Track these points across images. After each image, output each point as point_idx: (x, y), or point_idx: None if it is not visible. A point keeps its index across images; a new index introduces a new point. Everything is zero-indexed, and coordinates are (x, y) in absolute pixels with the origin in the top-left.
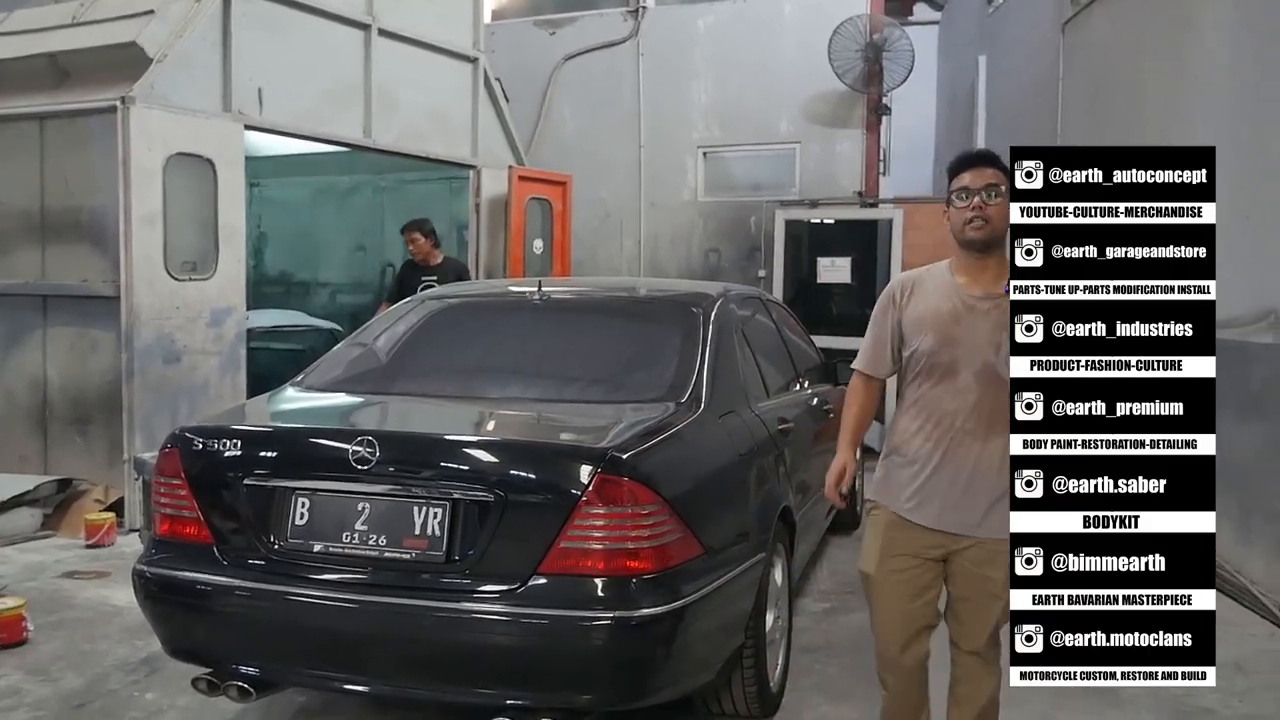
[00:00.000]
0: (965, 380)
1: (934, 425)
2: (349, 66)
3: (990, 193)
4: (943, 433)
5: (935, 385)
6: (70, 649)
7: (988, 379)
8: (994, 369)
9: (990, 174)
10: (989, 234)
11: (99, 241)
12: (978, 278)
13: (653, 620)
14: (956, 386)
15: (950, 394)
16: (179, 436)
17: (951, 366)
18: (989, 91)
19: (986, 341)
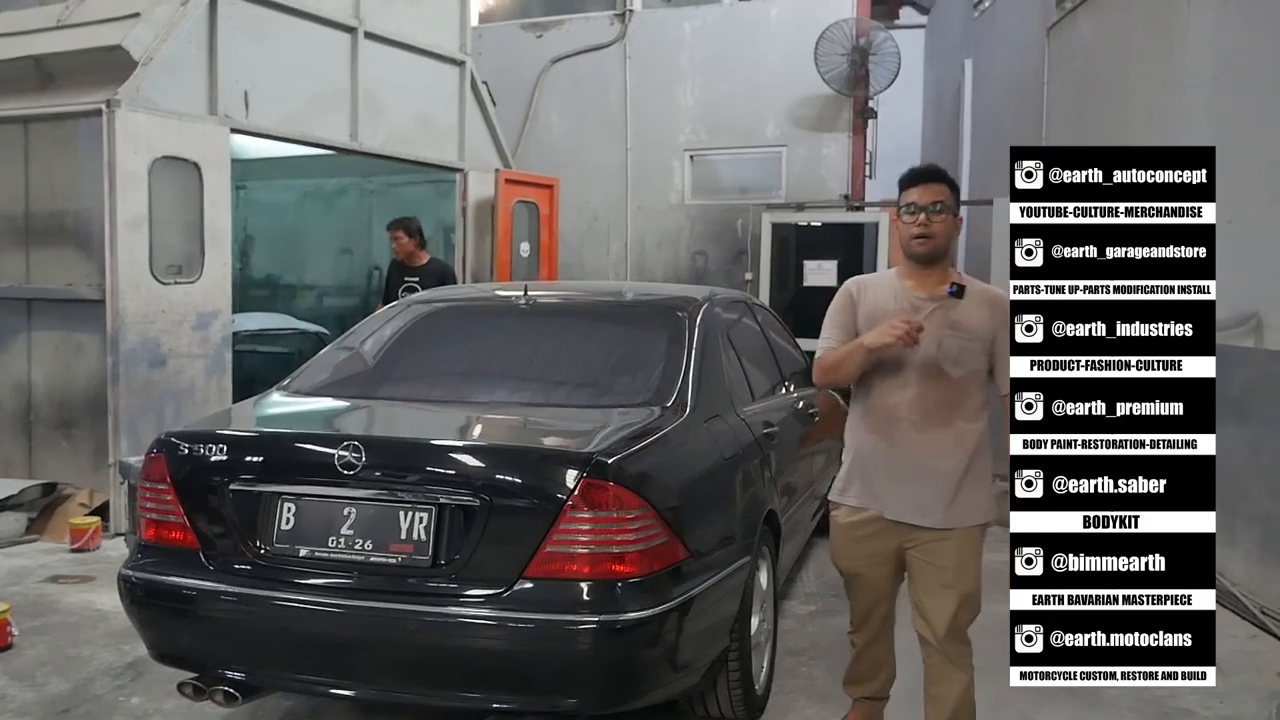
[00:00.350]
0: (907, 375)
1: (880, 419)
2: (335, 69)
3: (935, 207)
4: (888, 426)
5: (881, 381)
6: (55, 654)
7: (928, 373)
8: (935, 364)
9: (937, 190)
10: (932, 248)
11: (84, 245)
12: (923, 282)
13: (638, 624)
14: (900, 381)
15: (894, 389)
16: (165, 441)
17: (896, 362)
18: (975, 95)
19: (929, 338)
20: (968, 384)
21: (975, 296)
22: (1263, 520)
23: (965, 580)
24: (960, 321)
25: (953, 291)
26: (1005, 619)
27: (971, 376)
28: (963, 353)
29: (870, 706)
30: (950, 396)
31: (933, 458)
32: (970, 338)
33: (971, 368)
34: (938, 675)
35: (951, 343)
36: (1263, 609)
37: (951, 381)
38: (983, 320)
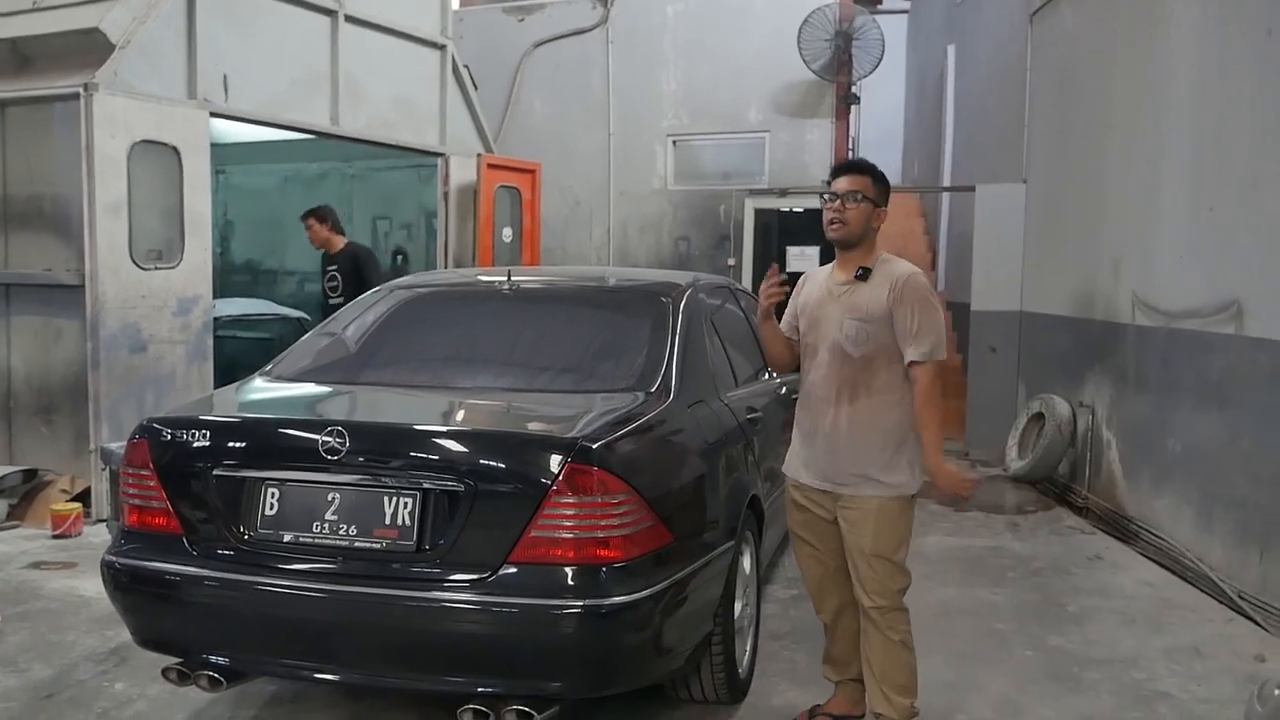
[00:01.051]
0: (822, 355)
1: (804, 398)
2: (315, 53)
3: (850, 198)
4: (812, 403)
5: (808, 361)
6: (38, 640)
7: (835, 354)
8: (839, 345)
9: (858, 181)
10: (845, 234)
11: (63, 230)
12: (844, 269)
13: (622, 608)
14: (818, 361)
15: (813, 367)
16: (147, 427)
17: (814, 345)
18: (957, 81)
19: (835, 322)
20: (873, 362)
21: (878, 278)
22: (1241, 506)
23: (881, 546)
24: (858, 304)
25: (858, 275)
26: (986, 603)
27: (877, 354)
28: (860, 332)
29: (853, 689)
30: (856, 375)
31: (841, 430)
32: (868, 318)
33: (874, 346)
34: (865, 633)
35: (850, 324)
36: (1240, 593)
37: (854, 361)
38: (879, 300)
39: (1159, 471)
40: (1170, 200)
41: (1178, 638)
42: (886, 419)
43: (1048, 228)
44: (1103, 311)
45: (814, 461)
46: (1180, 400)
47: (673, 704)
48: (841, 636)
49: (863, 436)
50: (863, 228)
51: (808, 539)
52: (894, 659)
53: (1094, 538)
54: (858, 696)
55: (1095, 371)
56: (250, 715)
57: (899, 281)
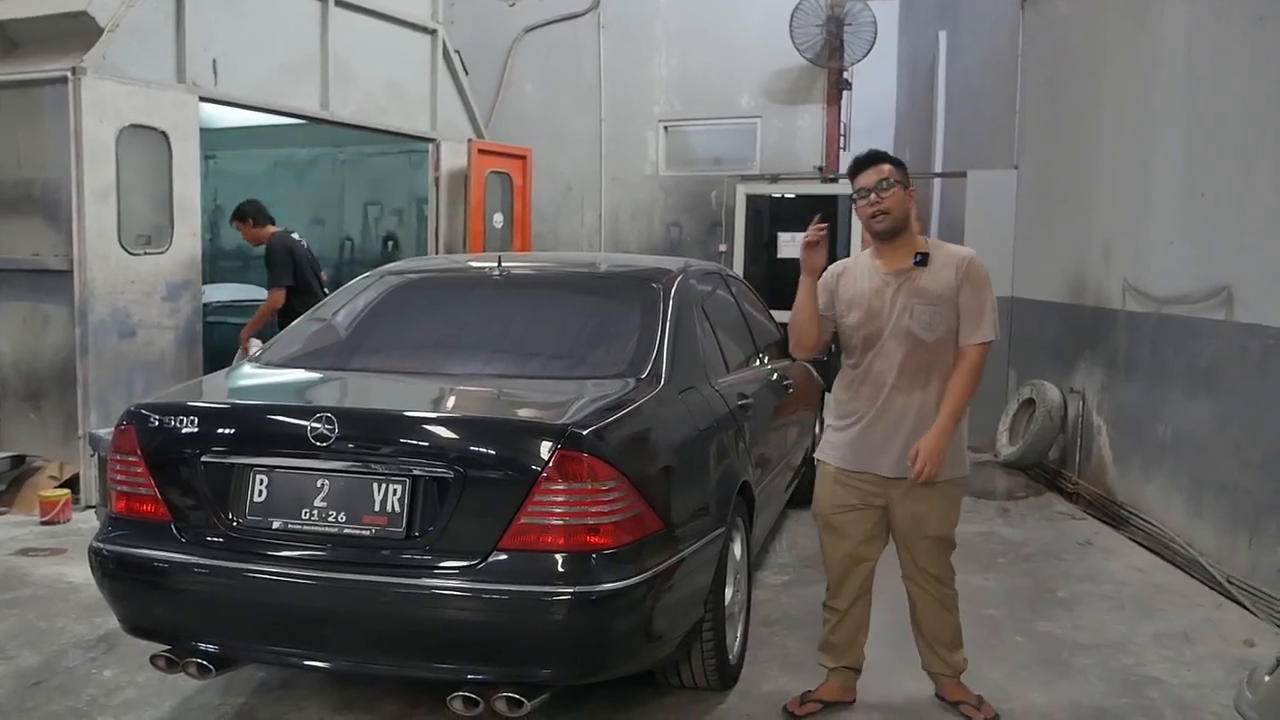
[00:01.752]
0: (889, 345)
1: (869, 387)
2: (306, 37)
3: (883, 185)
4: (876, 391)
5: (865, 352)
6: (26, 626)
7: (906, 341)
8: (910, 332)
9: (881, 170)
10: (891, 223)
11: (51, 215)
12: (890, 258)
13: (613, 595)
14: (883, 351)
15: (879, 358)
16: (135, 413)
17: (877, 335)
18: (949, 67)
19: (902, 309)
20: (944, 344)
21: (940, 261)
22: (1231, 491)
23: (946, 528)
24: (926, 288)
25: (918, 261)
26: (977, 589)
27: (947, 337)
28: (933, 316)
29: (846, 676)
30: (928, 359)
31: (912, 416)
32: (938, 301)
33: (944, 329)
34: (922, 608)
35: (921, 309)
36: (1230, 578)
37: (928, 345)
38: (947, 282)
39: (1149, 457)
40: (1161, 186)
41: (1167, 623)
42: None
43: (1039, 214)
44: (1093, 297)
45: (877, 448)
46: (1171, 386)
47: (663, 690)
48: (847, 624)
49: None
50: (904, 211)
51: (843, 528)
52: (944, 621)
53: (1084, 523)
54: (850, 683)
55: (1086, 357)
56: (239, 702)
57: (964, 263)
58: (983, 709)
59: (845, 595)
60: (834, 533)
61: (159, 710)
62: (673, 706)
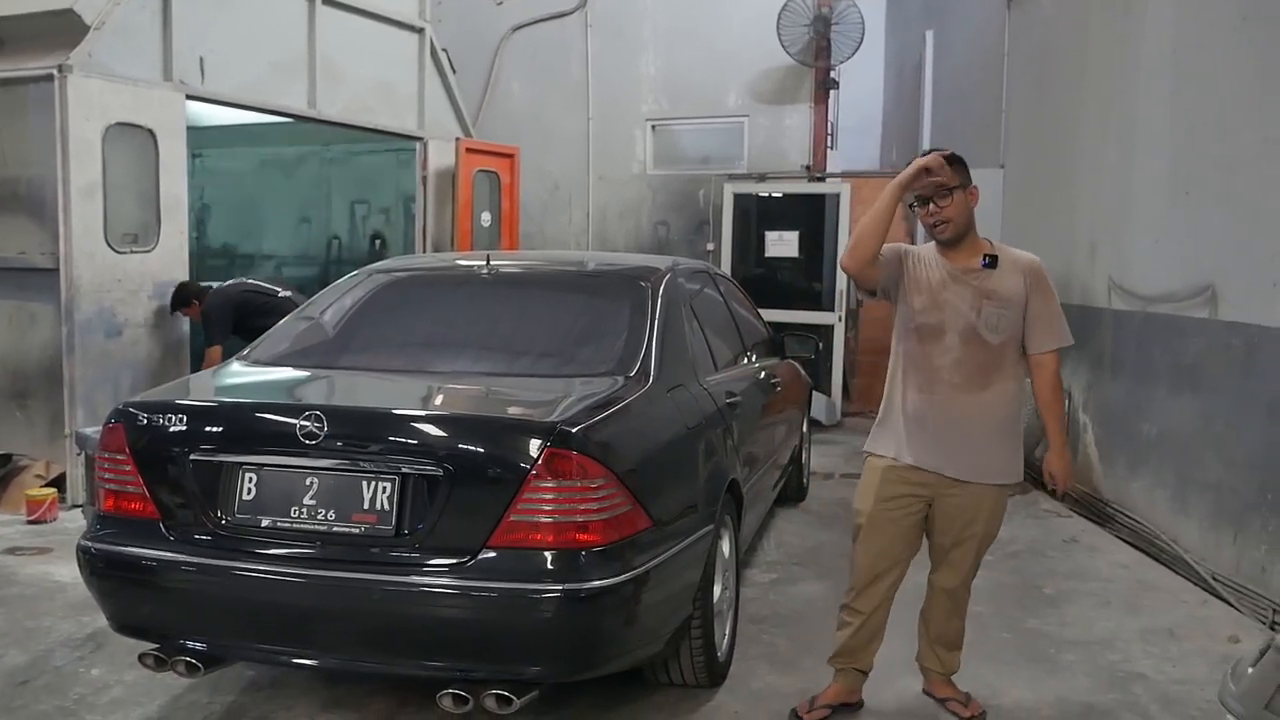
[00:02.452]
0: (950, 340)
1: (924, 380)
2: (293, 36)
3: (940, 195)
4: (932, 386)
5: (923, 344)
6: (13, 625)
7: (969, 339)
8: (975, 331)
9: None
10: (954, 231)
11: (37, 213)
12: (956, 257)
13: (602, 592)
14: (943, 345)
15: (938, 352)
16: (123, 411)
17: (939, 328)
18: (936, 66)
19: (969, 307)
20: (1006, 349)
21: (1008, 265)
22: (1215, 488)
23: (992, 531)
24: (996, 290)
25: (986, 263)
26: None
27: (1010, 342)
28: (1000, 320)
29: (854, 678)
30: (989, 360)
31: (971, 417)
32: (1006, 305)
33: (1009, 333)
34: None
35: (990, 311)
36: (1214, 575)
37: (990, 347)
38: (1017, 287)
39: (1134, 455)
40: (1146, 185)
41: (1153, 619)
42: (1015, 407)
43: (1025, 212)
44: (1079, 296)
45: (932, 446)
46: (1156, 384)
47: (652, 687)
48: (867, 629)
49: (996, 424)
50: (966, 216)
51: (884, 524)
52: (953, 625)
53: (1070, 521)
54: (857, 685)
55: (1071, 355)
56: (228, 701)
57: (1032, 269)
58: (970, 706)
59: (870, 599)
60: (874, 528)
61: (147, 709)
62: (661, 704)
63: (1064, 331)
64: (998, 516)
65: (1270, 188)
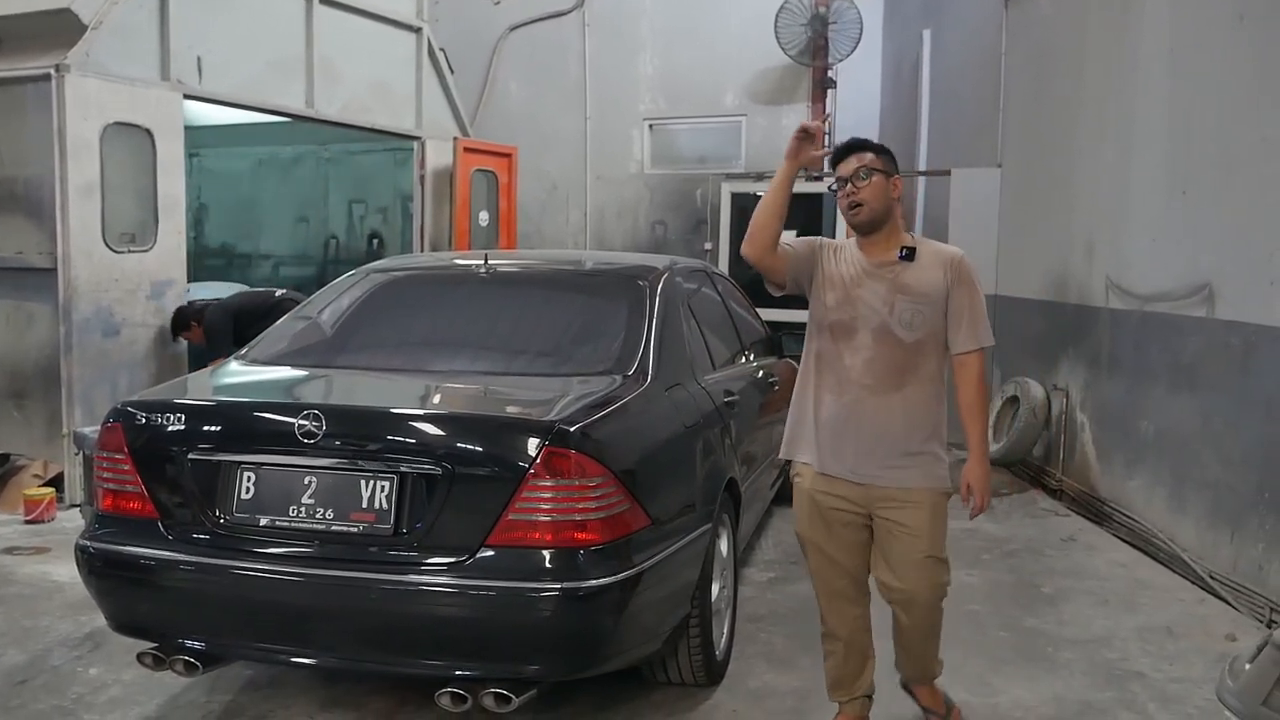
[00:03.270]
0: (863, 338)
1: (837, 381)
2: (290, 35)
3: (861, 175)
4: (845, 388)
5: (836, 342)
6: (11, 625)
7: (881, 338)
8: (888, 328)
9: (863, 157)
10: (869, 215)
11: (35, 213)
12: (873, 250)
13: (600, 591)
14: (855, 344)
15: (850, 351)
16: (122, 411)
17: (850, 325)
18: (933, 65)
19: (882, 302)
20: (923, 347)
21: (928, 258)
22: (1212, 487)
23: (937, 546)
24: (911, 284)
25: (903, 255)
26: (961, 585)
27: (927, 339)
28: (915, 316)
29: (860, 705)
30: (904, 360)
31: (885, 421)
32: (923, 300)
33: (926, 331)
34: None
35: (904, 306)
36: (1211, 574)
37: (905, 346)
38: (936, 281)
39: (1132, 454)
40: (1143, 184)
41: (1150, 618)
42: (935, 409)
43: (1022, 212)
44: (1076, 295)
45: (849, 453)
46: (1153, 383)
47: (650, 686)
48: (853, 655)
49: (915, 427)
50: (884, 202)
51: (824, 541)
52: (929, 647)
53: (1068, 520)
54: (864, 711)
55: (1069, 355)
56: (226, 700)
57: (954, 262)
58: (950, 716)
59: (841, 621)
60: (815, 549)
61: (145, 708)
62: (660, 703)
63: (985, 331)
64: (941, 527)
65: (1267, 187)
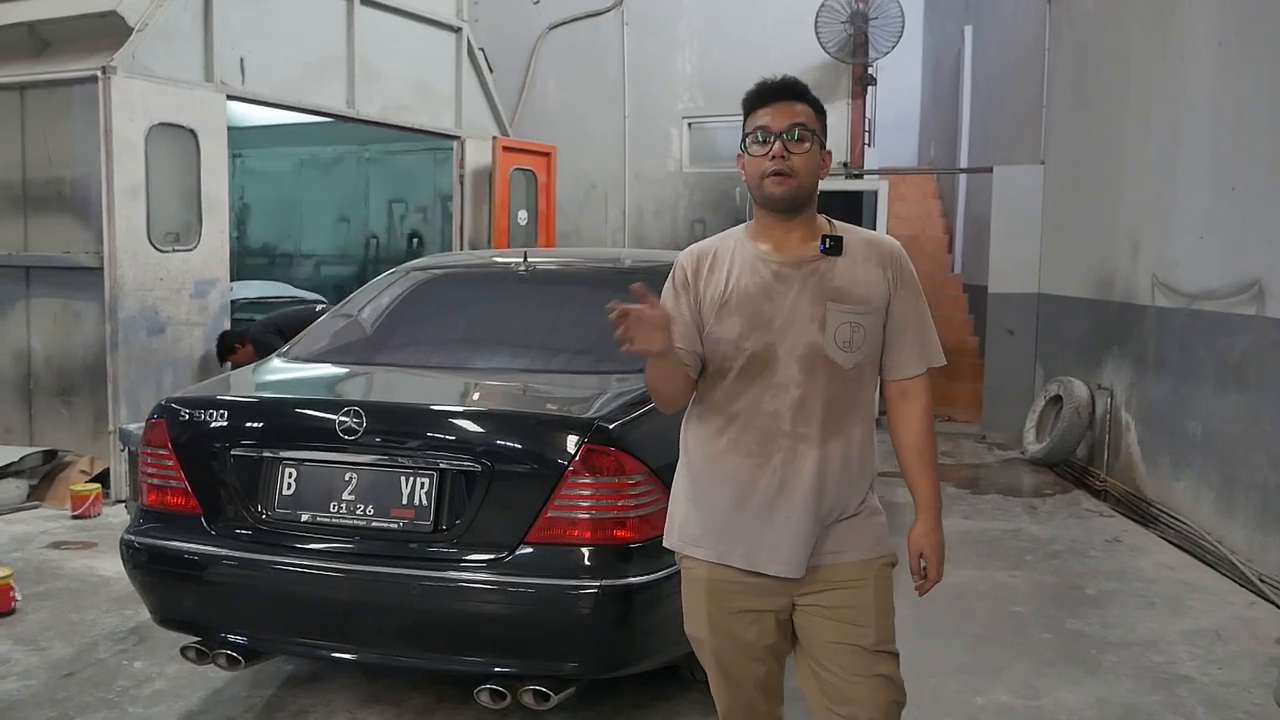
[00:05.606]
0: (787, 372)
1: (752, 435)
2: (332, 36)
3: (794, 134)
4: (764, 443)
5: (749, 382)
6: (58, 618)
7: (814, 366)
8: (821, 352)
9: (799, 110)
10: (794, 190)
11: (81, 213)
12: (784, 241)
13: (639, 589)
14: (776, 380)
15: (769, 391)
16: (166, 407)
17: (768, 356)
18: (974, 62)
19: (808, 317)
20: (863, 375)
21: (859, 250)
22: (1262, 488)
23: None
24: (844, 289)
25: (826, 248)
26: (1004, 586)
27: (866, 363)
28: (855, 332)
29: None
30: (844, 394)
31: (823, 480)
32: (862, 309)
33: (868, 350)
34: None
35: (840, 318)
36: (1261, 576)
37: (845, 373)
38: (873, 283)
39: (1178, 454)
40: (1190, 180)
41: (1198, 621)
42: (870, 455)
43: (1066, 209)
44: (1121, 293)
45: (776, 532)
46: (1200, 382)
47: (688, 685)
48: None
49: (850, 483)
50: (815, 179)
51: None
52: None
53: (1112, 520)
54: None
55: (1114, 353)
56: (268, 694)
57: (893, 258)
58: None
59: None
60: (719, 659)
61: (189, 702)
62: (697, 701)
63: (936, 347)
64: (888, 607)
65: None
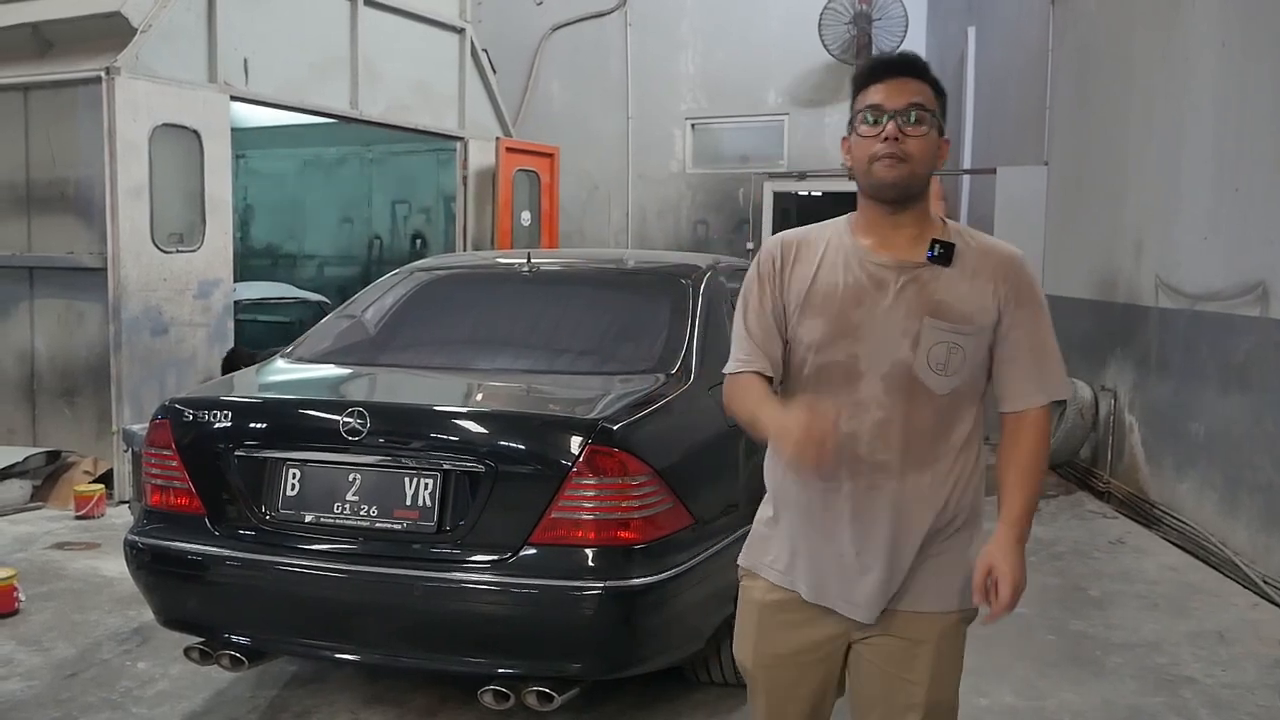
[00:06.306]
0: (870, 388)
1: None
2: (335, 37)
3: (911, 116)
4: (839, 469)
5: (827, 395)
6: (61, 619)
7: (901, 387)
8: (910, 372)
9: (917, 89)
10: (907, 176)
11: (85, 213)
12: (889, 240)
13: (643, 590)
14: (857, 398)
15: (848, 409)
16: (169, 408)
17: (850, 368)
18: (977, 63)
19: (900, 331)
20: (959, 402)
21: (971, 260)
22: (1265, 489)
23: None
24: (948, 302)
25: (935, 255)
26: None
27: (965, 389)
28: (953, 353)
29: None
30: (935, 422)
31: (905, 516)
32: (966, 327)
33: (968, 375)
34: None
35: (937, 334)
36: (1265, 578)
37: (937, 399)
38: (982, 299)
39: (1182, 455)
40: (1193, 181)
41: (1202, 622)
42: (968, 494)
43: (1069, 210)
44: (1125, 294)
45: (841, 566)
46: (1204, 383)
47: (692, 686)
48: None
49: (944, 523)
50: (929, 168)
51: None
52: None
53: (1116, 522)
54: None
55: (1117, 355)
56: (271, 695)
57: (1013, 269)
58: None
59: None
60: (765, 690)
61: (192, 702)
62: (701, 703)
63: (1060, 376)
64: (953, 663)
65: None
